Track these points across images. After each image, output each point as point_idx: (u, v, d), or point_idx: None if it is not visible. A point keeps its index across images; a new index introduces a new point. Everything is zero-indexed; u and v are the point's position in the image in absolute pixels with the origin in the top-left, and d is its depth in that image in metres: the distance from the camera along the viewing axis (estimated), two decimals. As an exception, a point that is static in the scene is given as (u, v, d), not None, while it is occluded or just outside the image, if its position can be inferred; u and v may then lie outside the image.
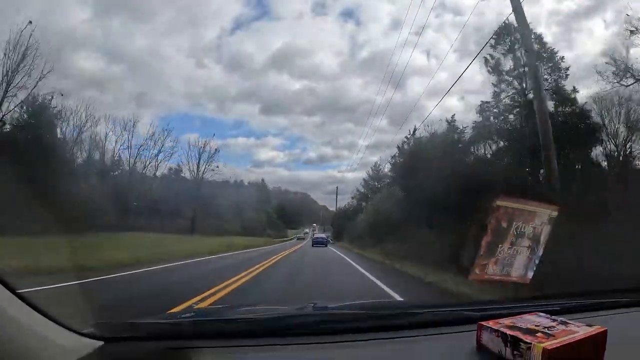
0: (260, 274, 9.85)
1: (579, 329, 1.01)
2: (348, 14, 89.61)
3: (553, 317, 1.11)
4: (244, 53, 67.45)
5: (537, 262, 1.47)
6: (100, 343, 1.05)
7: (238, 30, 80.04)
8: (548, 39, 18.02)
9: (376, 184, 35.27)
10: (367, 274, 11.04)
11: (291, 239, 53.70)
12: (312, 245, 33.48)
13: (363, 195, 38.62)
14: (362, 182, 39.41)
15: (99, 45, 41.85)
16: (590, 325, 1.03)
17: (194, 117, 67.19)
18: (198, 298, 5.61)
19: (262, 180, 63.30)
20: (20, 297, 0.96)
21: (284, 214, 64.36)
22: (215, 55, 63.68)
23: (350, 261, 16.55)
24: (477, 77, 17.91)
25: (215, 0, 57.21)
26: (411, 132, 23.98)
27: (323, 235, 40.35)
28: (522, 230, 1.40)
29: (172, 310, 3.69)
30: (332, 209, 66.50)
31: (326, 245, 34.47)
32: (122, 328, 1.16)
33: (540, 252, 1.47)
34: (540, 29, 18.41)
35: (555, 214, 1.43)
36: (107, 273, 7.91)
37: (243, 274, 9.21)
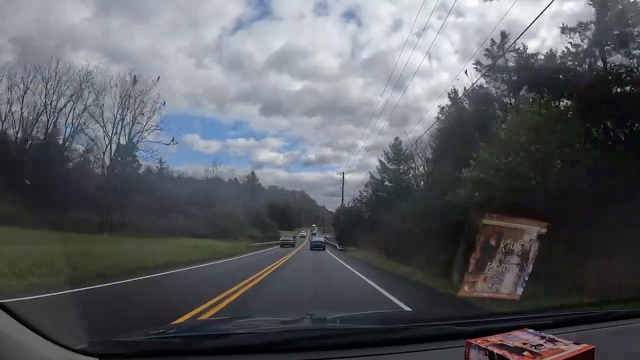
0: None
1: (566, 347, 1.02)
2: (350, 15, 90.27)
3: (542, 333, 1.12)
4: (244, 53, 67.76)
5: (526, 278, 1.49)
6: None
7: (239, 30, 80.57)
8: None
9: (399, 167, 27.70)
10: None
11: (277, 244, 37.53)
12: (310, 249, 32.24)
13: (379, 182, 29.87)
14: (377, 167, 30.81)
15: (98, 44, 41.54)
16: (577, 344, 1.04)
17: (194, 118, 67.30)
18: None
19: (252, 173, 55.87)
20: (10, 312, 0.97)
21: (277, 213, 56.94)
22: (216, 56, 64.16)
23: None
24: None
25: (216, 0, 57.44)
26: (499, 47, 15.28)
27: (321, 239, 38.39)
28: (512, 247, 1.42)
29: (172, 323, 3.66)
30: (331, 210, 63.17)
31: (324, 249, 32.42)
32: (116, 345, 1.16)
33: (530, 268, 1.49)
34: None
35: (544, 230, 1.45)
36: None
37: None
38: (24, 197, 18.63)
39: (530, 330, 1.15)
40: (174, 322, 3.86)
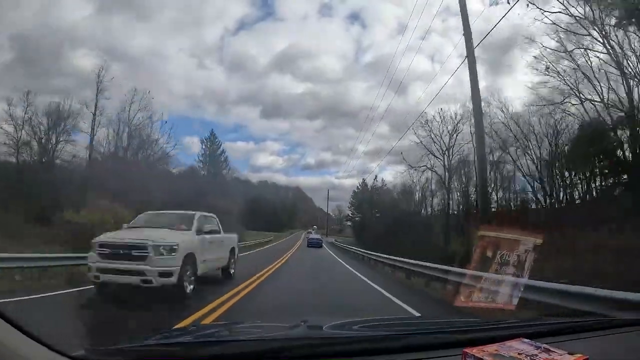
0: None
1: (560, 358, 1.04)
2: (354, 17, 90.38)
3: (537, 343, 1.14)
4: (246, 54, 66.76)
5: (522, 288, 1.51)
6: None
7: (241, 30, 79.85)
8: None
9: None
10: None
11: None
12: (308, 246, 31.20)
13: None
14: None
15: (98, 43, 40.46)
16: (572, 354, 1.06)
17: (194, 120, 66.71)
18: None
19: (211, 134, 39.19)
20: (5, 317, 0.97)
21: (260, 210, 44.85)
22: (217, 56, 63.38)
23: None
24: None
25: (219, 0, 56.74)
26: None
27: (318, 236, 36.93)
28: (507, 258, 1.44)
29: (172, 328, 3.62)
30: (330, 213, 58.10)
31: (321, 246, 31.16)
32: (113, 352, 1.17)
33: (526, 278, 1.51)
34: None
35: (539, 241, 1.48)
36: None
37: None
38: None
39: (526, 340, 1.16)
40: (173, 328, 3.84)
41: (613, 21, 17.23)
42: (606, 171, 19.10)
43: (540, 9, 18.76)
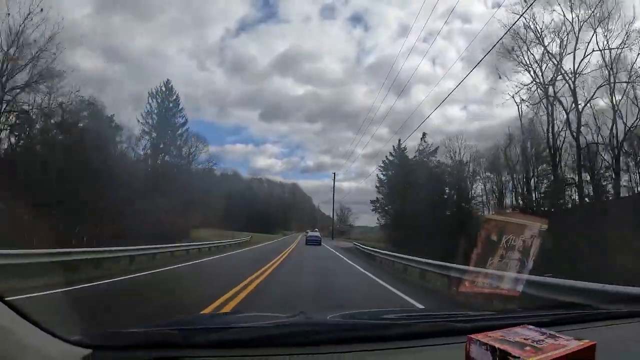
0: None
1: (567, 343, 1.01)
2: (356, 19, 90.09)
3: (543, 330, 1.12)
4: (247, 56, 66.49)
5: (527, 275, 1.48)
6: (88, 351, 1.04)
7: (242, 32, 79.83)
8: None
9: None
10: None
11: None
12: (306, 244, 30.16)
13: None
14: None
15: (98, 42, 39.50)
16: (579, 339, 1.04)
17: (193, 122, 66.42)
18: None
19: (168, 81, 28.92)
20: (2, 300, 0.95)
21: (243, 208, 35.83)
22: (218, 58, 63.22)
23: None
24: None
25: (221, 1, 56.37)
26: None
27: (318, 234, 35.48)
28: (512, 243, 1.41)
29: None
30: (327, 215, 58.25)
31: (320, 244, 29.84)
32: (111, 336, 1.15)
33: (531, 264, 1.48)
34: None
35: (545, 226, 1.45)
36: None
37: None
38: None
39: (531, 327, 1.14)
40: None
41: None
42: None
43: None
